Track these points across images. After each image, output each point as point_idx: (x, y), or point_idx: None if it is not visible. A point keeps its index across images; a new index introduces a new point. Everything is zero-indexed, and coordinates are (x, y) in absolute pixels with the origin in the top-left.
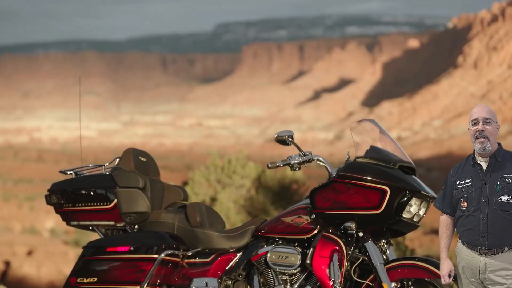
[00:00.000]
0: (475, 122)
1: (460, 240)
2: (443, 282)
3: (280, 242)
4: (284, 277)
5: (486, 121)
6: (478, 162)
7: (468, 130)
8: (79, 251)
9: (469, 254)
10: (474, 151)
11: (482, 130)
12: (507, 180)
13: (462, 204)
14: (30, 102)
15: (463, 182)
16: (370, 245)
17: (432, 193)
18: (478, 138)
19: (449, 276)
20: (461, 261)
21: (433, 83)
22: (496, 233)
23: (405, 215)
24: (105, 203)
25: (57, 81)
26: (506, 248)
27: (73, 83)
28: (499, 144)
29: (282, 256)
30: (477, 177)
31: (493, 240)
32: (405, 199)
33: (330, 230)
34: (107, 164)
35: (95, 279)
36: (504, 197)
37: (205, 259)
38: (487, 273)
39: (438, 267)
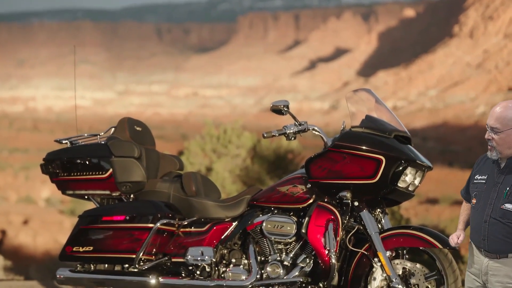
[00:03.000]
0: (487, 127)
1: (470, 238)
2: (451, 243)
3: (276, 211)
4: (280, 246)
5: (493, 130)
6: (499, 160)
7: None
8: (75, 220)
9: (475, 254)
10: None
11: (489, 139)
12: None
13: (472, 201)
14: (25, 71)
15: (480, 177)
16: (365, 214)
17: (427, 162)
18: (488, 145)
19: (457, 239)
20: (470, 257)
21: (428, 52)
22: (495, 240)
23: (400, 184)
24: (100, 172)
25: (52, 50)
26: (510, 255)
27: (68, 52)
28: None
29: (278, 225)
30: (492, 176)
31: (492, 245)
32: (401, 168)
33: (326, 200)
34: (102, 133)
35: (91, 248)
36: (509, 205)
37: (200, 228)
38: (489, 276)
39: (432, 236)
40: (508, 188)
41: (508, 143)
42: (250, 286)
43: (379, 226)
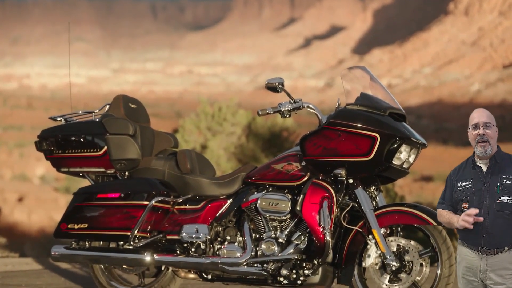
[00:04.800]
0: (476, 126)
1: (460, 241)
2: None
3: (270, 189)
4: (274, 224)
5: (486, 125)
6: (478, 164)
7: (468, 134)
8: (70, 197)
9: (469, 254)
10: (473, 154)
11: (483, 134)
12: (506, 182)
13: (463, 205)
14: (19, 48)
15: (464, 184)
16: (360, 191)
17: (422, 139)
18: (480, 142)
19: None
20: (462, 261)
21: (424, 30)
22: (496, 233)
23: (395, 161)
24: (95, 150)
25: (46, 27)
26: (506, 248)
27: (62, 30)
28: (497, 146)
29: (272, 203)
30: (477, 179)
31: (493, 240)
32: (395, 145)
33: (320, 177)
34: (97, 110)
35: (86, 225)
36: (504, 198)
37: (195, 205)
38: (488, 272)
39: (427, 213)
40: (498, 184)
41: (495, 138)
42: (244, 263)
43: (374, 203)
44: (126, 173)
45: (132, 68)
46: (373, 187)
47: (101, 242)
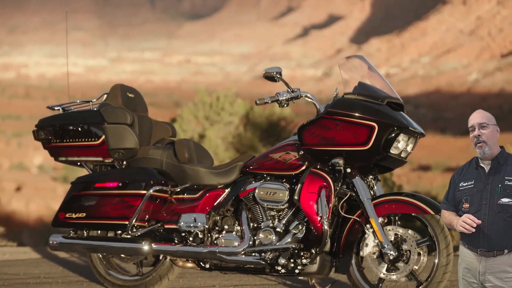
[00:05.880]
0: (472, 128)
1: (461, 241)
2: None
3: (268, 178)
4: (272, 213)
5: (481, 125)
6: (481, 165)
7: (470, 137)
8: (68, 187)
9: (469, 256)
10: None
11: (479, 135)
12: (508, 183)
13: (463, 206)
14: (17, 37)
15: (466, 184)
16: (357, 181)
17: (419, 129)
18: (477, 143)
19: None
20: (462, 262)
21: (422, 19)
22: (496, 235)
23: (393, 151)
24: (93, 139)
25: (44, 16)
26: (506, 251)
27: (60, 19)
28: (501, 147)
29: (270, 192)
30: (479, 179)
31: (493, 242)
32: (393, 135)
33: (318, 166)
34: (94, 100)
35: (84, 214)
36: (505, 200)
37: (193, 195)
38: (487, 274)
39: (424, 202)
40: (500, 185)
41: (493, 138)
42: (242, 252)
43: (372, 192)
44: (124, 163)
45: (129, 57)
46: (371, 177)
47: (99, 231)
